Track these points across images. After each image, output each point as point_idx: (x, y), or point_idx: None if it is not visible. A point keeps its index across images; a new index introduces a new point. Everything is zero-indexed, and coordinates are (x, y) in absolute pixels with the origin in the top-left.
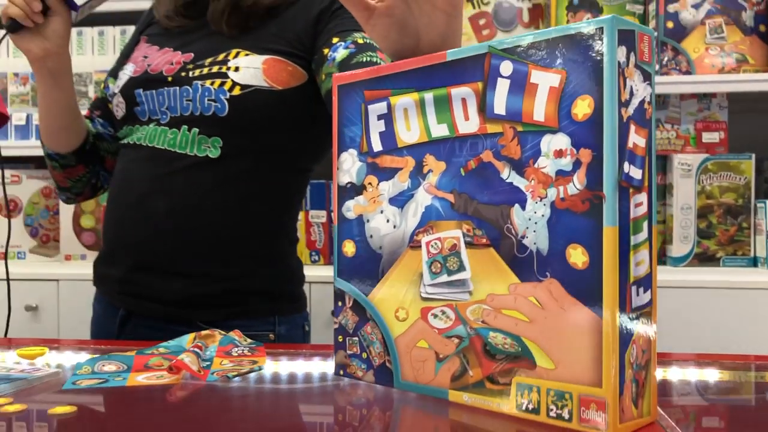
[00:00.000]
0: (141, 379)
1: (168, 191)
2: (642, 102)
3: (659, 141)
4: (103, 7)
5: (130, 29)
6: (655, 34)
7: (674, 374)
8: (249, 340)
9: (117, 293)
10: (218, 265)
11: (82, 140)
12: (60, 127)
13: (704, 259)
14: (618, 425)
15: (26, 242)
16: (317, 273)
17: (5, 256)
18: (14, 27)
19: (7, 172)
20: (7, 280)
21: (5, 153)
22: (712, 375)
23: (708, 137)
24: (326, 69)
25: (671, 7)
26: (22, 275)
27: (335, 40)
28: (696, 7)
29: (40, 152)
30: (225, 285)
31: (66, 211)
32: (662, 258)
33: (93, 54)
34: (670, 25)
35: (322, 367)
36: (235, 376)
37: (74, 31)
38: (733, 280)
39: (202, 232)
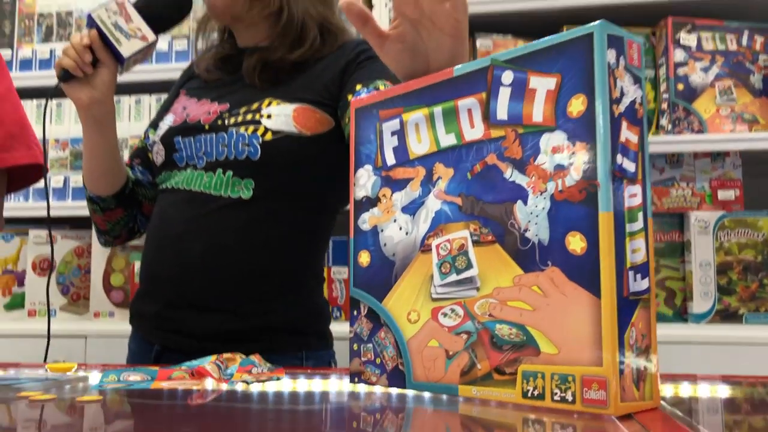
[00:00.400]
0: (164, 384)
1: (202, 231)
2: (633, 102)
3: (675, 199)
4: (139, 76)
5: (145, 98)
6: (644, 44)
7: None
8: (268, 364)
9: (153, 329)
10: (247, 301)
11: (122, 185)
12: (102, 171)
13: (726, 316)
14: (619, 403)
15: (57, 300)
16: (339, 329)
17: (48, 315)
18: (66, 77)
19: (42, 232)
20: (48, 336)
21: (41, 213)
22: (718, 386)
23: (723, 195)
24: (349, 114)
25: (681, 71)
26: (51, 332)
27: (358, 86)
28: (705, 70)
29: (74, 213)
30: (254, 321)
31: (97, 269)
32: (683, 315)
33: (129, 120)
34: (680, 87)
35: (339, 380)
36: (253, 381)
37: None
38: (757, 336)
39: (233, 269)
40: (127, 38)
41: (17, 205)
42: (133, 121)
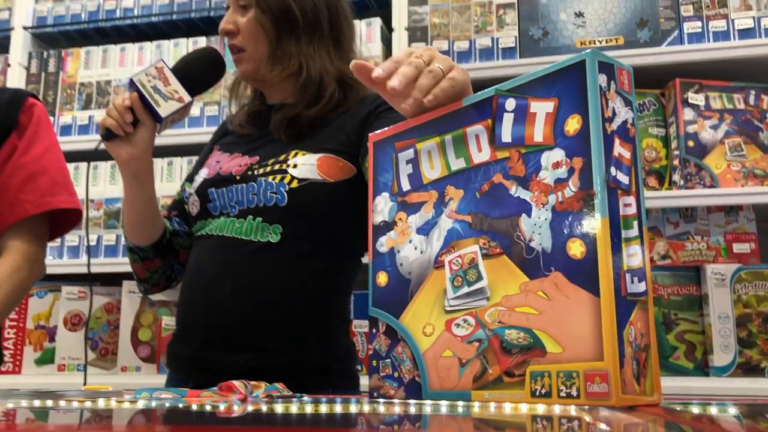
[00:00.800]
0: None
1: (233, 274)
2: (625, 122)
3: (690, 252)
4: (172, 140)
5: (177, 160)
6: (631, 69)
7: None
8: (290, 392)
9: (188, 370)
10: (276, 340)
11: (159, 235)
12: (141, 222)
13: (748, 369)
14: (620, 395)
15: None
16: (361, 382)
17: (84, 369)
18: (109, 135)
19: (74, 289)
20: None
21: (75, 270)
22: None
23: (739, 248)
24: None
25: (690, 128)
26: (79, 386)
27: None
28: (714, 128)
29: (105, 270)
30: (282, 359)
31: (125, 325)
32: (705, 369)
33: (161, 181)
34: (690, 144)
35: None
36: (278, 396)
37: None
38: None
39: (262, 309)
40: (165, 100)
41: (51, 262)
42: (165, 181)
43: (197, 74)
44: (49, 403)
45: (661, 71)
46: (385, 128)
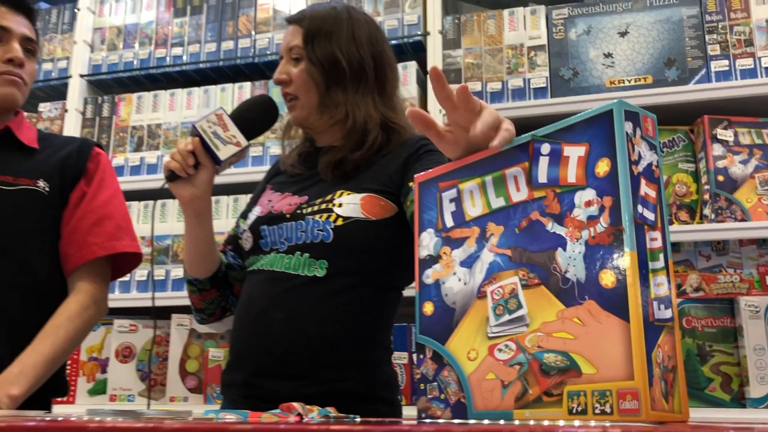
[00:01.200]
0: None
1: (282, 306)
2: (650, 164)
3: (723, 285)
4: (237, 178)
5: (242, 197)
6: (654, 116)
7: None
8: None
9: (241, 396)
10: (322, 369)
11: (216, 268)
12: (200, 257)
13: None
14: (650, 411)
15: (136, 386)
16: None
17: (148, 397)
18: (172, 177)
19: (126, 322)
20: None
21: (125, 304)
22: None
23: None
24: (410, 197)
25: (720, 163)
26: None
27: None
28: (744, 162)
29: (156, 303)
30: (327, 386)
31: (174, 356)
32: (741, 401)
33: (227, 217)
34: (720, 178)
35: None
36: (334, 417)
37: None
38: None
39: (309, 339)
40: (224, 144)
41: None
42: (230, 217)
43: (253, 120)
44: (134, 418)
45: (690, 108)
46: (429, 170)
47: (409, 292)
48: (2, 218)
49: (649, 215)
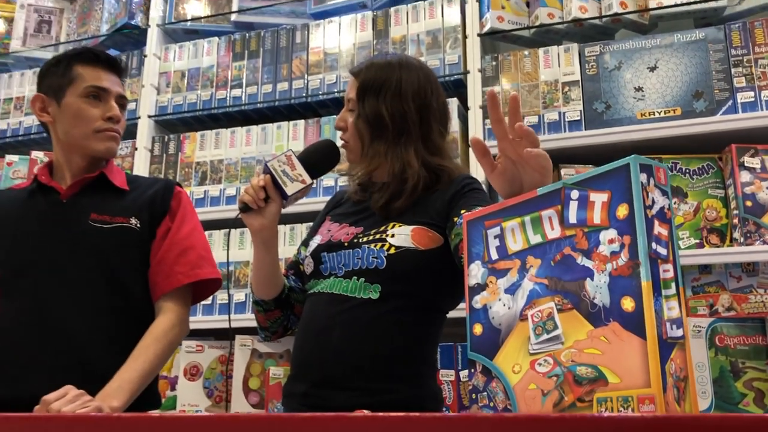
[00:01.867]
0: None
1: (340, 325)
2: (662, 208)
3: (754, 305)
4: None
5: (298, 226)
6: (669, 170)
7: None
8: None
9: (300, 406)
10: (375, 381)
11: (279, 290)
12: (266, 280)
13: None
14: (665, 413)
15: (203, 402)
16: None
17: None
18: (245, 209)
19: (192, 342)
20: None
21: (192, 327)
22: None
23: None
24: (455, 231)
25: (747, 189)
26: None
27: (462, 211)
28: None
29: (219, 326)
30: (379, 397)
31: (237, 375)
32: None
33: (284, 245)
34: (749, 203)
35: None
36: None
37: None
38: None
39: (362, 355)
40: (291, 181)
41: None
42: (287, 245)
43: (317, 162)
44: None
45: (718, 138)
46: (472, 205)
47: (454, 313)
48: (103, 252)
49: (662, 250)
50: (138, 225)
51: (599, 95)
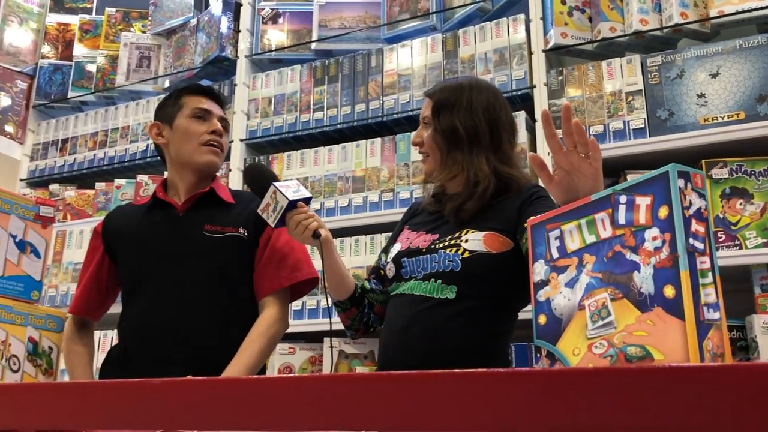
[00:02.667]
0: None
1: (420, 323)
2: (699, 209)
3: None
4: (356, 222)
5: (377, 236)
6: (734, 171)
7: None
8: None
9: None
10: None
11: (352, 291)
12: (337, 282)
13: None
14: None
15: None
16: None
17: None
18: (318, 235)
19: (286, 345)
20: None
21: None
22: None
23: None
24: (525, 236)
25: None
26: None
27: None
28: None
29: (309, 329)
30: None
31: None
32: None
33: (350, 256)
34: None
35: None
36: None
37: (339, 240)
38: None
39: (441, 349)
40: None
41: None
42: (368, 253)
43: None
44: None
45: None
46: (540, 212)
47: (526, 315)
48: (215, 258)
49: (699, 245)
50: (245, 234)
51: (662, 103)
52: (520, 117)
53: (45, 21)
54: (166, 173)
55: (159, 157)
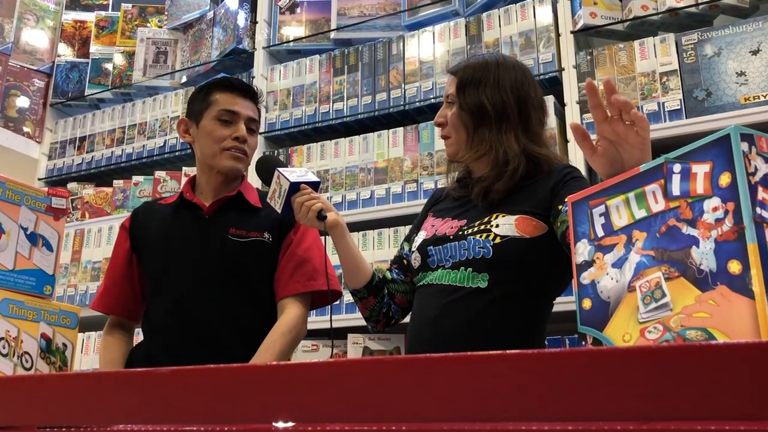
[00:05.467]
0: None
1: (452, 314)
2: (766, 175)
3: None
4: (381, 214)
5: (401, 228)
6: None
7: None
8: None
9: None
10: None
11: (368, 279)
12: (352, 270)
13: None
14: None
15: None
16: None
17: None
18: (322, 216)
19: (308, 342)
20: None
21: (309, 326)
22: None
23: None
24: (560, 218)
25: None
26: None
27: (566, 199)
28: None
29: (334, 325)
30: None
31: None
32: None
33: (374, 249)
34: None
35: None
36: None
37: (361, 233)
38: None
39: (476, 341)
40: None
41: None
42: (392, 246)
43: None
44: None
45: None
46: (578, 192)
47: (560, 308)
48: (238, 261)
49: (766, 215)
50: (270, 239)
51: (699, 83)
52: (549, 102)
53: (61, 18)
54: (186, 170)
55: (181, 152)
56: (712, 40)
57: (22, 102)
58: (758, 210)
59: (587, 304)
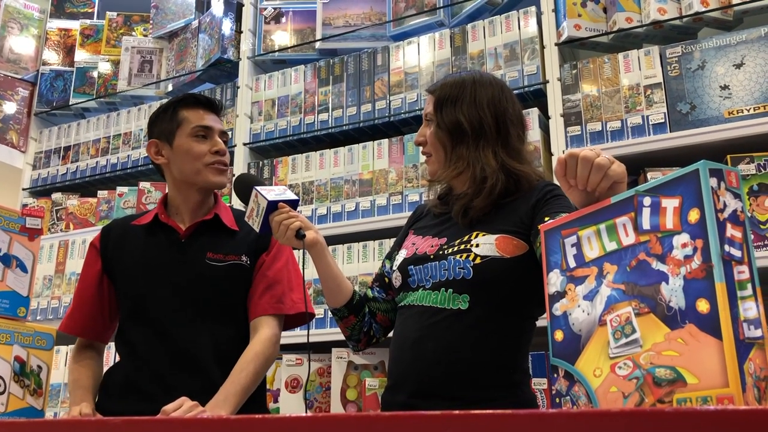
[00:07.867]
0: None
1: (433, 336)
2: (734, 211)
3: None
4: (365, 227)
5: (386, 241)
6: (762, 167)
7: None
8: None
9: None
10: (471, 390)
11: (348, 297)
12: (331, 288)
13: None
14: None
15: (303, 413)
16: None
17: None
18: (301, 235)
19: (293, 356)
20: None
21: (293, 341)
22: None
23: None
24: (539, 239)
25: None
26: None
27: (546, 218)
28: None
29: (317, 339)
30: (477, 406)
31: (335, 386)
32: None
33: (358, 262)
34: None
35: None
36: None
37: (346, 246)
38: None
39: (459, 364)
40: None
41: None
42: (361, 262)
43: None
44: None
45: None
46: (556, 212)
47: (543, 323)
48: (217, 285)
49: (736, 252)
50: (248, 262)
51: (683, 96)
52: (533, 114)
53: (46, 27)
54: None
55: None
56: (697, 53)
57: (7, 111)
58: (726, 248)
59: (559, 336)
